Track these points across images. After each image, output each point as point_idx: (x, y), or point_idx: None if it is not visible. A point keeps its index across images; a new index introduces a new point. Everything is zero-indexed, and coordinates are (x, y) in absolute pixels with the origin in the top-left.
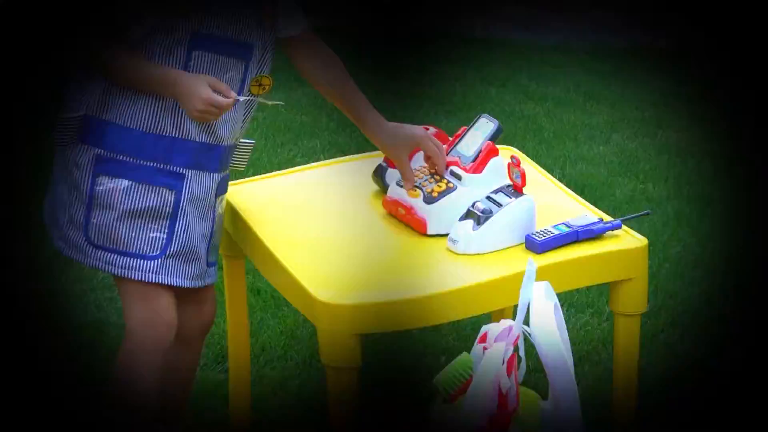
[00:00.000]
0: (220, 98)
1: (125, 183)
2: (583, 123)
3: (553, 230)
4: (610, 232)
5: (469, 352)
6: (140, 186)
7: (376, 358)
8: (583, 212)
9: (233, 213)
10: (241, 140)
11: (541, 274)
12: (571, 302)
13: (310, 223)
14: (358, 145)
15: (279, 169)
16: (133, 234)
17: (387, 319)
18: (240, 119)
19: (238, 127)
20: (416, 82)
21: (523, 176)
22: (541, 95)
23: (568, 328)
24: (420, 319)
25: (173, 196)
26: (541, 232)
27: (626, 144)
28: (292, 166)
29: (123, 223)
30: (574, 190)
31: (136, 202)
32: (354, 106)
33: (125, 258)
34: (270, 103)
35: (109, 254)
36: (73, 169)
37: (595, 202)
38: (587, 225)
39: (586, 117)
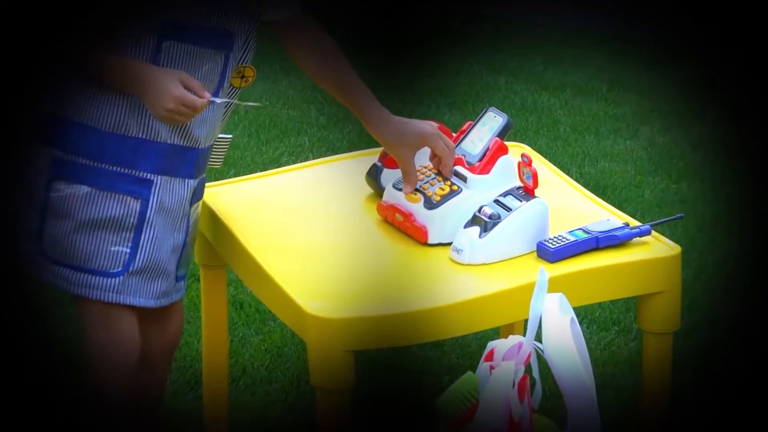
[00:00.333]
0: (193, 97)
1: (84, 189)
2: (607, 114)
3: (569, 237)
4: (637, 239)
5: (474, 372)
6: (101, 193)
7: (371, 379)
8: (605, 216)
9: (213, 218)
10: (219, 136)
11: (556, 285)
12: (593, 318)
13: (298, 229)
14: (351, 142)
15: (264, 169)
16: (92, 247)
17: (383, 334)
18: (219, 119)
19: (216, 127)
20: (414, 71)
21: (534, 176)
22: (557, 84)
23: (590, 348)
24: (420, 335)
25: (138, 205)
26: (555, 239)
27: (656, 138)
28: (278, 166)
29: (81, 235)
30: (595, 192)
31: (97, 211)
32: (355, 99)
33: (83, 275)
34: (246, 105)
35: (65, 270)
36: (27, 172)
37: (621, 205)
38: (610, 230)
39: (610, 108)
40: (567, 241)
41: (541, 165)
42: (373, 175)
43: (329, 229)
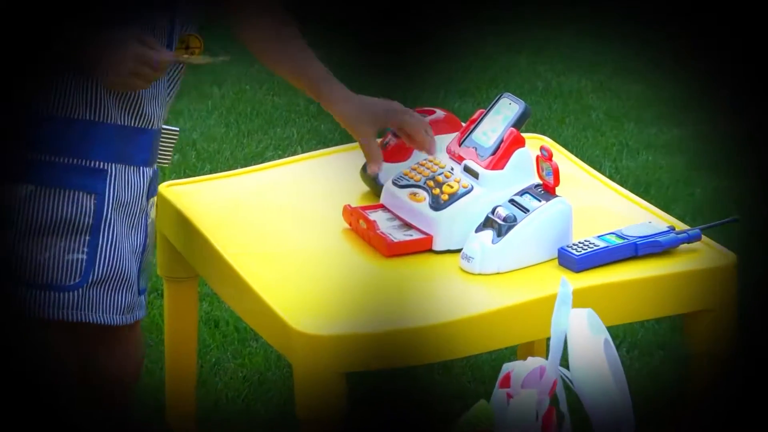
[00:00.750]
0: (152, 53)
1: (26, 188)
2: (650, 98)
3: (598, 242)
4: (684, 246)
5: (488, 399)
6: (48, 191)
7: (367, 407)
8: (645, 218)
9: (182, 221)
10: (164, 127)
11: (582, 299)
12: (633, 341)
13: (284, 233)
14: (344, 134)
15: (245, 164)
16: (43, 257)
17: (382, 354)
18: (165, 93)
19: (165, 103)
20: (418, 53)
21: (555, 173)
22: (590, 63)
23: (629, 376)
24: (424, 355)
25: (93, 201)
26: (581, 245)
27: (710, 127)
28: (261, 162)
29: (27, 244)
30: (635, 190)
31: (44, 213)
32: (307, 75)
33: (35, 291)
34: (212, 60)
35: (18, 288)
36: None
37: (666, 205)
38: (651, 235)
39: (655, 90)
40: (595, 248)
41: (565, 159)
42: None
43: (320, 234)
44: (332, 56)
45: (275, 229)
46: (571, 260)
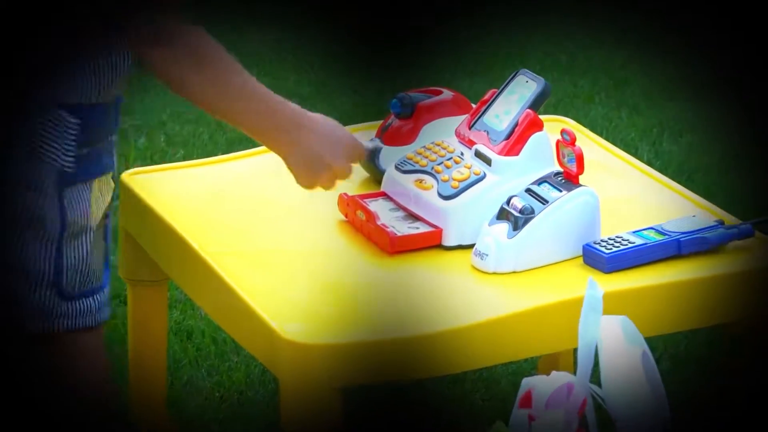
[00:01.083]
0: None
1: (95, 184)
2: (696, 73)
3: (633, 238)
4: (735, 242)
5: (506, 420)
6: (102, 181)
7: (365, 426)
8: (690, 210)
9: (149, 216)
10: None
11: (614, 305)
12: (675, 354)
13: (271, 228)
14: (343, 115)
15: (226, 151)
16: (99, 257)
17: (383, 365)
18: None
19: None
20: (421, 27)
21: (578, 159)
22: (621, 29)
23: (671, 397)
24: (431, 366)
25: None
26: (611, 242)
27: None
28: (244, 148)
29: (92, 245)
30: (676, 178)
31: (103, 206)
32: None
33: (100, 296)
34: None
35: (90, 301)
36: (27, 195)
37: (713, 196)
38: (696, 231)
39: (702, 63)
40: (629, 245)
41: (592, 144)
42: (369, 156)
43: (312, 228)
44: (327, 34)
45: (260, 223)
46: (599, 259)
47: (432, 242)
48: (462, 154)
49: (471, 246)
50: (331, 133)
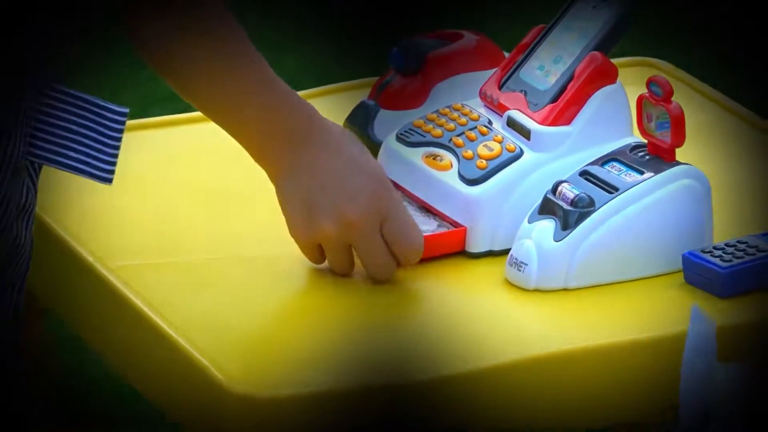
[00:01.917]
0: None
1: None
2: None
3: (763, 244)
4: None
5: None
6: None
7: None
8: None
9: None
10: None
11: (734, 345)
12: None
13: (212, 230)
14: (322, 70)
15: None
16: None
17: (377, 423)
18: None
19: None
20: None
21: (676, 123)
22: None
23: None
24: (447, 422)
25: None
26: (729, 249)
27: None
28: (174, 111)
29: None
30: None
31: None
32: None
33: None
34: None
35: None
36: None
37: None
38: None
39: None
40: (758, 255)
41: (700, 98)
42: (360, 121)
43: (274, 227)
44: None
45: (195, 223)
46: (711, 275)
47: (452, 248)
48: (490, 122)
49: (504, 252)
50: (358, 164)
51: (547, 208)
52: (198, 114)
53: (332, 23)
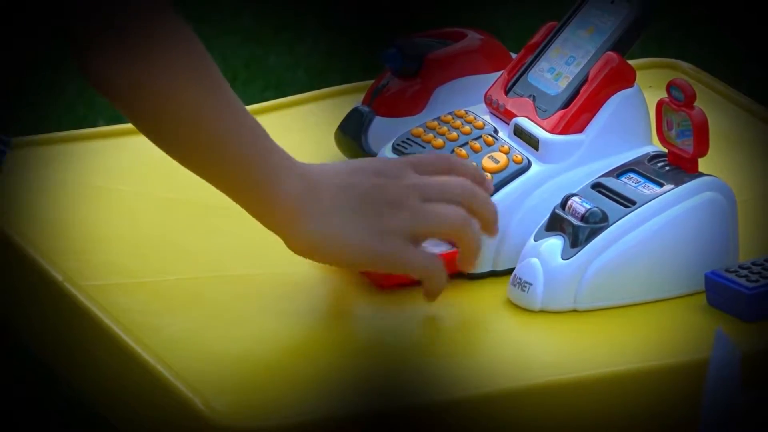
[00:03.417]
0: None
1: None
2: None
3: None
4: None
5: None
6: None
7: None
8: None
9: None
10: None
11: (762, 375)
12: None
13: (191, 245)
14: (311, 71)
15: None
16: None
17: None
18: None
19: None
20: None
21: (699, 131)
22: None
23: None
24: None
25: None
26: (756, 269)
27: None
28: None
29: None
30: None
31: None
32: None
33: None
34: None
35: None
36: None
37: None
38: None
39: None
40: None
41: (725, 104)
42: (353, 129)
43: (261, 242)
44: None
45: (175, 239)
46: (736, 296)
47: (452, 268)
48: (495, 131)
49: (508, 272)
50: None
51: (555, 225)
52: None
53: (324, 19)
